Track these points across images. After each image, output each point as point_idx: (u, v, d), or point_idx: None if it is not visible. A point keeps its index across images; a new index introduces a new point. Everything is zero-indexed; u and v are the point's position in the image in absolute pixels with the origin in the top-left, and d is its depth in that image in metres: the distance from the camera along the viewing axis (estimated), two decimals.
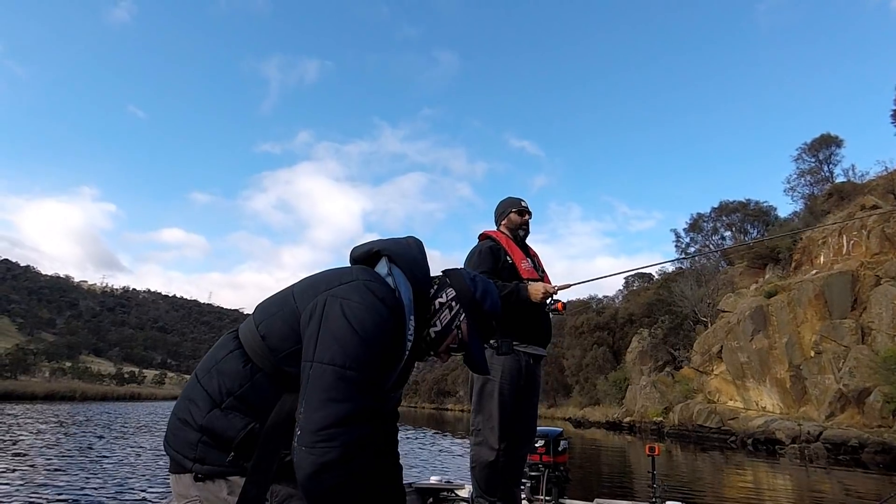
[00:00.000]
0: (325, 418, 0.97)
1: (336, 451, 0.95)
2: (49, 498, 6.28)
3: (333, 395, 0.99)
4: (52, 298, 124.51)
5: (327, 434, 0.96)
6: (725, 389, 22.88)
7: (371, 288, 1.10)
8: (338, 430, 0.96)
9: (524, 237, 2.88)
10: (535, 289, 2.59)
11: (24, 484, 6.95)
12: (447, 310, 1.22)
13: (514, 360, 2.60)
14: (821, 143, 30.79)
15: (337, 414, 0.97)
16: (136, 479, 7.71)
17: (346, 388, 0.99)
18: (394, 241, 1.26)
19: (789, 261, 23.94)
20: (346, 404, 0.98)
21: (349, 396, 0.99)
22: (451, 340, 1.22)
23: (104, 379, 63.05)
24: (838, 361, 17.58)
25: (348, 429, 0.97)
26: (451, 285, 1.25)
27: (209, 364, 1.17)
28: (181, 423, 1.12)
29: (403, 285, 1.16)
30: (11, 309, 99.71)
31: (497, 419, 2.53)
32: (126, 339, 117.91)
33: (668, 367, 29.48)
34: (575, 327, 40.51)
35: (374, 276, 1.16)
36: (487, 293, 1.26)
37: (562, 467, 2.97)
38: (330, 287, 1.12)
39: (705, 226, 36.46)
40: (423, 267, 1.23)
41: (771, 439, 17.67)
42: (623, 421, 28.61)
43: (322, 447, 0.95)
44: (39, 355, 62.52)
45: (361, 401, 1.00)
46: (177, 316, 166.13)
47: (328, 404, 0.98)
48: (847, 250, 20.17)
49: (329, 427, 0.96)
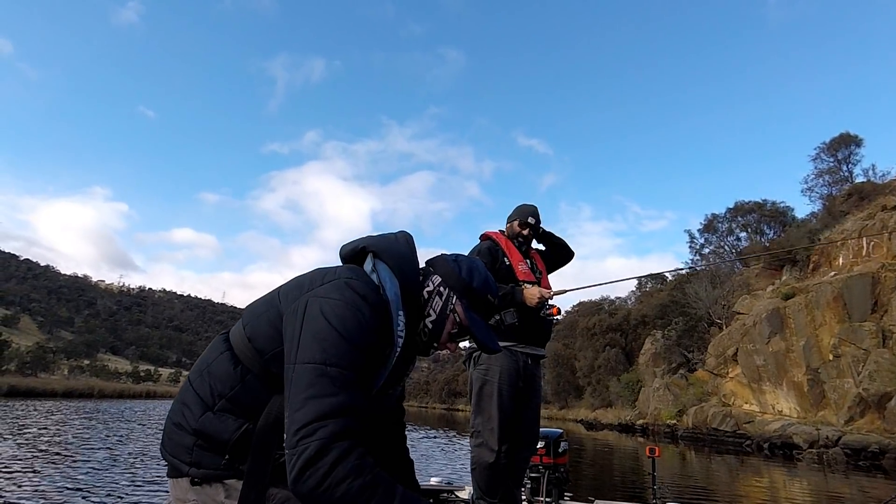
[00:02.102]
0: (305, 415, 0.94)
1: (314, 446, 0.91)
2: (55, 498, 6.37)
3: (313, 392, 0.96)
4: (71, 297, 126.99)
5: (306, 430, 0.93)
6: (741, 392, 22.53)
7: (352, 285, 1.08)
8: (317, 424, 0.93)
9: (520, 247, 2.86)
10: (531, 293, 2.58)
11: (27, 480, 7.06)
12: (437, 297, 1.19)
13: (512, 360, 2.58)
14: (840, 143, 30.18)
15: (317, 410, 0.94)
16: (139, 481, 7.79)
17: (327, 384, 0.96)
18: (381, 237, 1.24)
19: (807, 262, 23.51)
20: (326, 399, 0.95)
21: (330, 392, 0.96)
22: (450, 327, 1.19)
23: (121, 377, 64.11)
24: (858, 365, 17.21)
25: (327, 423, 0.93)
26: (435, 272, 1.22)
27: (201, 366, 1.17)
28: (176, 427, 1.12)
29: (389, 281, 1.13)
30: (32, 308, 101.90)
31: (496, 420, 2.51)
32: (142, 337, 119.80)
33: (682, 370, 29.10)
34: (587, 328, 40.22)
35: (358, 274, 1.13)
36: (474, 269, 1.23)
37: (562, 469, 2.93)
38: (312, 287, 1.10)
39: (720, 227, 35.93)
40: (410, 261, 1.20)
41: (788, 444, 17.35)
42: (636, 423, 28.33)
43: (302, 444, 0.92)
44: (59, 353, 63.80)
45: (343, 397, 0.96)
46: (191, 315, 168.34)
47: (308, 402, 0.95)
48: (867, 252, 19.73)
49: (308, 423, 0.93)
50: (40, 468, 7.94)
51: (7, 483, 6.70)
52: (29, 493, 6.22)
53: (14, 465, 8.00)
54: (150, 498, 6.47)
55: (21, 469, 7.75)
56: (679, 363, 30.03)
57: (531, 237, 2.88)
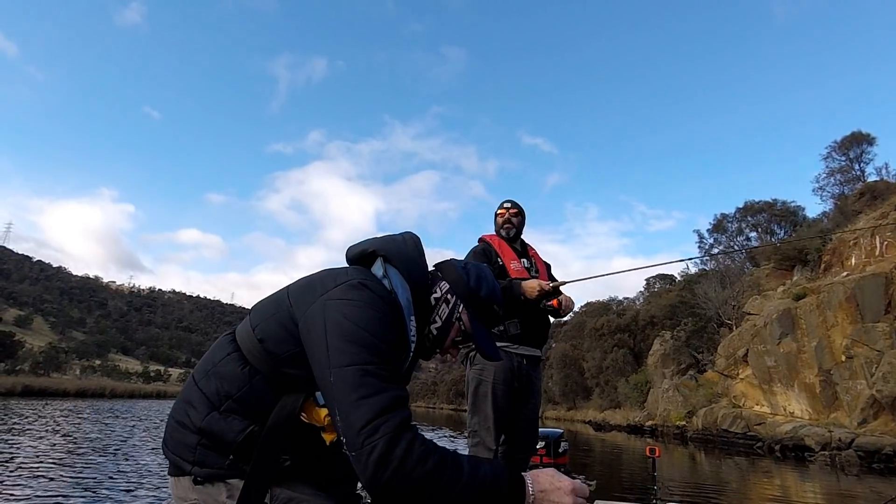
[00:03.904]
0: (362, 416, 0.93)
1: (383, 442, 0.90)
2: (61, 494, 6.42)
3: (363, 392, 0.95)
4: (83, 298, 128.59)
5: (368, 430, 0.91)
6: (751, 394, 22.31)
7: (368, 286, 1.07)
8: (378, 421, 0.92)
9: (514, 236, 2.90)
10: (530, 285, 2.58)
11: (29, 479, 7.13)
12: (444, 304, 1.18)
13: (507, 359, 2.58)
14: (851, 141, 29.76)
15: (373, 408, 0.93)
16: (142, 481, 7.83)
17: (373, 383, 0.96)
18: (389, 240, 1.22)
19: (818, 262, 23.20)
20: (378, 396, 0.94)
21: (379, 389, 0.95)
22: (454, 334, 1.19)
23: (131, 377, 64.86)
24: (871, 366, 16.95)
25: (388, 417, 0.93)
26: (443, 278, 1.21)
27: (207, 366, 1.15)
28: (179, 425, 1.10)
29: (400, 287, 1.12)
30: (45, 308, 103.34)
31: (492, 419, 2.52)
32: (152, 338, 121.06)
33: (692, 371, 28.85)
34: (595, 329, 40.04)
35: (370, 276, 1.12)
36: (482, 279, 1.22)
37: (562, 469, 2.88)
38: (325, 290, 1.08)
39: (730, 226, 35.60)
40: (419, 265, 1.19)
41: (800, 446, 17.15)
42: (645, 425, 28.15)
43: (369, 444, 0.90)
44: (70, 353, 64.72)
45: (392, 391, 0.96)
46: (200, 316, 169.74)
47: (361, 403, 0.94)
48: (881, 251, 19.43)
49: (369, 423, 0.92)
50: (52, 466, 8.02)
51: (12, 481, 6.76)
52: (34, 490, 6.27)
53: (29, 464, 8.08)
54: (158, 494, 6.50)
55: (32, 467, 7.83)
56: (688, 364, 29.78)
57: (517, 223, 2.90)
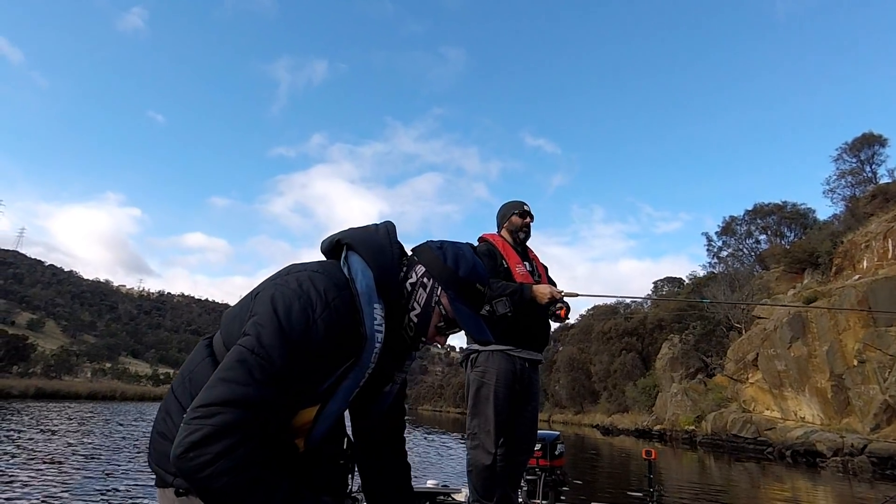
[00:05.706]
0: (209, 396, 0.91)
1: (206, 430, 0.87)
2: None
3: (228, 375, 0.93)
4: (94, 302, 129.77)
5: (205, 411, 0.89)
6: (761, 398, 22.01)
7: (314, 279, 1.04)
8: (217, 408, 0.89)
9: (524, 240, 2.83)
10: (542, 291, 2.52)
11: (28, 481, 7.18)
12: (421, 288, 1.13)
13: (509, 362, 2.55)
14: (863, 143, 29.39)
15: (223, 394, 0.90)
16: None
17: (243, 372, 0.93)
18: (359, 229, 1.19)
19: (829, 265, 22.90)
20: (235, 387, 0.91)
21: (242, 381, 0.92)
22: (436, 320, 1.13)
23: (141, 380, 65.31)
24: (884, 371, 16.67)
25: (230, 411, 0.89)
26: (419, 261, 1.15)
27: (184, 373, 1.13)
28: (160, 436, 1.08)
29: (361, 272, 1.08)
30: (56, 312, 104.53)
31: (493, 422, 2.48)
32: (161, 341, 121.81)
33: (700, 375, 28.56)
34: (603, 332, 39.78)
35: (326, 269, 1.09)
36: (460, 257, 1.16)
37: (558, 471, 2.88)
38: (277, 276, 1.08)
39: (738, 229, 35.25)
40: (389, 252, 1.14)
41: (811, 451, 16.88)
42: (653, 429, 27.86)
43: (195, 423, 0.88)
44: (81, 356, 65.37)
45: (253, 389, 0.92)
46: (209, 319, 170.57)
47: (219, 383, 0.92)
48: (893, 254, 19.15)
49: (210, 405, 0.89)
50: (54, 469, 8.08)
51: (15, 482, 6.82)
52: (35, 492, 6.32)
53: (35, 465, 8.16)
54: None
55: (31, 470, 7.90)
56: (697, 368, 29.47)
57: (528, 231, 2.84)
